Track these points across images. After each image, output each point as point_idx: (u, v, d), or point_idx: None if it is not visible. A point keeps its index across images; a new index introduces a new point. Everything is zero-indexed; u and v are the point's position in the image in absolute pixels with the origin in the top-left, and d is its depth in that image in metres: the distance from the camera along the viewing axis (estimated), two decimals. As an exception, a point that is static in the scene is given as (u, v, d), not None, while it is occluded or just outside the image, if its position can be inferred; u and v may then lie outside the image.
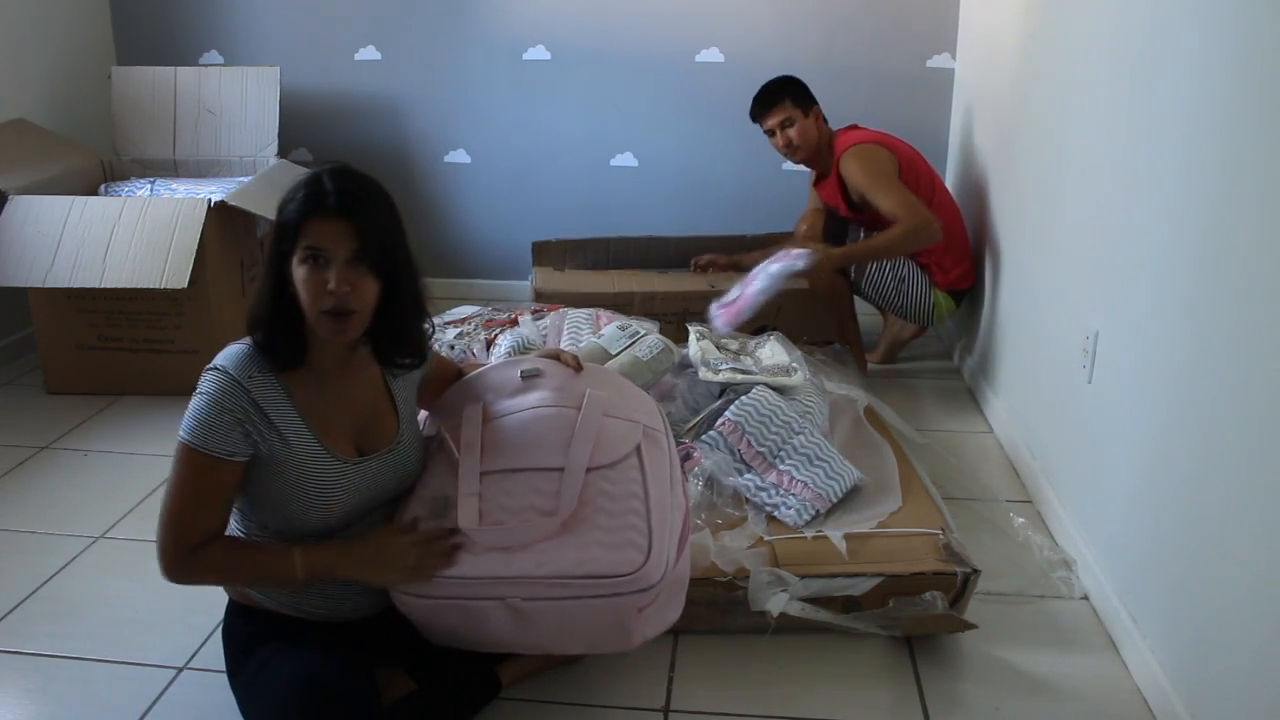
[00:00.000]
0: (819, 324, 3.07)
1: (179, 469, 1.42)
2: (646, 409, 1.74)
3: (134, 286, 2.72)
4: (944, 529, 1.92)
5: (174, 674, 1.75)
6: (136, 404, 2.92)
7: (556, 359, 1.77)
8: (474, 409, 1.66)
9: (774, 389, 2.22)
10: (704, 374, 2.31)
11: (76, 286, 2.76)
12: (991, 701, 1.69)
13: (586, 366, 1.79)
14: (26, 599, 1.98)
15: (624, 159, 3.81)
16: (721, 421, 2.12)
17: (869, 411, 2.44)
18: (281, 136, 3.43)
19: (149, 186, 3.14)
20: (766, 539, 1.90)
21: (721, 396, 2.27)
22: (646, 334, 2.37)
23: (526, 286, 3.50)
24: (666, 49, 3.65)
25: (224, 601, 1.61)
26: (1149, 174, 1.80)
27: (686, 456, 2.05)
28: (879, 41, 3.58)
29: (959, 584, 1.81)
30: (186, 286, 2.71)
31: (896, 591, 1.81)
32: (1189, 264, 1.62)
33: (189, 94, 3.45)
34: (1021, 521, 2.19)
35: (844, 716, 1.66)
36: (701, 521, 1.93)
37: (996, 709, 1.68)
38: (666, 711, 1.68)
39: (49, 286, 2.77)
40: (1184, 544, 1.61)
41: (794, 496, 2.01)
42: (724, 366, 2.36)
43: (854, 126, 3.04)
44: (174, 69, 3.47)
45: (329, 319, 1.42)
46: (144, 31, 3.81)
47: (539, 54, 3.71)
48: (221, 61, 3.79)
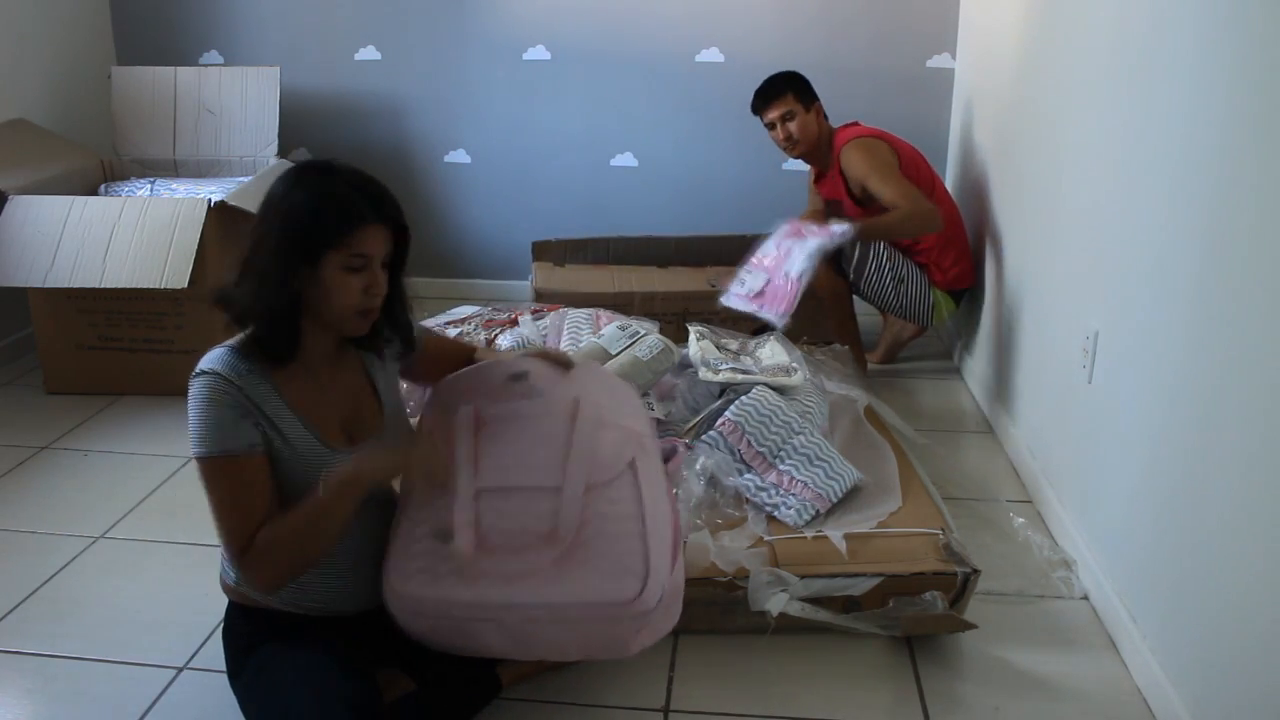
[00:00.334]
0: (819, 324, 3.06)
1: (211, 484, 1.42)
2: (635, 409, 1.75)
3: (134, 286, 2.72)
4: (944, 529, 1.92)
5: (174, 674, 1.75)
6: (136, 404, 2.92)
7: (544, 357, 1.77)
8: (465, 414, 1.65)
9: (774, 389, 2.22)
10: (704, 374, 2.31)
11: (76, 287, 2.76)
12: (991, 701, 1.69)
13: (576, 365, 1.79)
14: (26, 599, 1.98)
15: (624, 159, 3.81)
16: (721, 421, 2.12)
17: (869, 411, 2.44)
18: (281, 136, 3.43)
19: (149, 186, 3.14)
20: (766, 539, 1.90)
21: (721, 396, 2.27)
22: (646, 334, 2.37)
23: (526, 286, 3.50)
24: (666, 49, 3.65)
25: (224, 601, 1.61)
26: (1149, 174, 1.80)
27: (673, 452, 2.05)
28: (879, 41, 3.58)
29: (959, 584, 1.81)
30: (186, 286, 2.71)
31: (896, 591, 1.81)
32: (1189, 264, 1.62)
33: (189, 94, 3.45)
34: (1021, 521, 2.19)
35: (844, 716, 1.66)
36: (701, 521, 1.93)
37: (996, 709, 1.68)
38: (666, 711, 1.68)
39: (49, 286, 2.77)
40: (1184, 544, 1.61)
41: (794, 496, 2.00)
42: (724, 366, 2.36)
43: (854, 124, 3.04)
44: (174, 69, 3.47)
45: (360, 316, 1.48)
46: (144, 31, 3.81)
47: (539, 54, 3.71)
48: (221, 61, 3.79)
